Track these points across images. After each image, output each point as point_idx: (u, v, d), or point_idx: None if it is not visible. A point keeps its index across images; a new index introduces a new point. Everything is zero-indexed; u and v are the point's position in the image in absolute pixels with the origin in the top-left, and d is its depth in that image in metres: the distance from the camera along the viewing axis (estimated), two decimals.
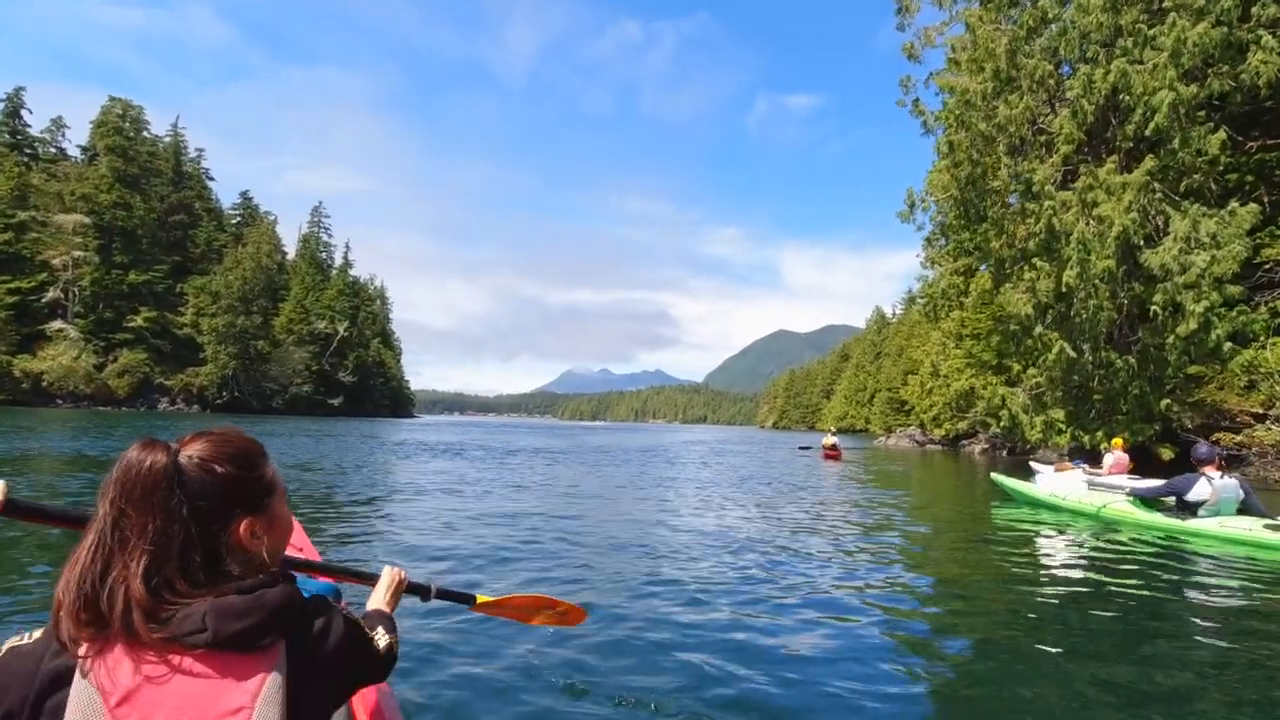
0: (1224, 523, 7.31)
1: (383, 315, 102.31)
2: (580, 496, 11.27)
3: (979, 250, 39.16)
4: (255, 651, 1.03)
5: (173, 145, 77.54)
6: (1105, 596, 5.24)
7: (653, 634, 3.98)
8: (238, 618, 1.02)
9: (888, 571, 6.01)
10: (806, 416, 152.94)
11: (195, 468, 1.09)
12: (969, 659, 3.86)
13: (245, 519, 1.13)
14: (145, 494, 1.04)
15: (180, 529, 1.05)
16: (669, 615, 4.40)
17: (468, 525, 7.67)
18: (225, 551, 1.10)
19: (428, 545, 6.40)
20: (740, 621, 4.31)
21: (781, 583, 5.36)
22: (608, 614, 4.32)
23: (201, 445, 1.12)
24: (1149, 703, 3.20)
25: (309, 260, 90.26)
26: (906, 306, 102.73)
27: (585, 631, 3.78)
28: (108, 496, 1.04)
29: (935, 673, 3.61)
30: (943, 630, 4.37)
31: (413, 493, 10.73)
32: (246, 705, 1.00)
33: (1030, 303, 18.86)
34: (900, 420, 72.17)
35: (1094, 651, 3.92)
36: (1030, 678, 3.50)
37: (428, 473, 14.34)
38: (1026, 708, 3.13)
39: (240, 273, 72.83)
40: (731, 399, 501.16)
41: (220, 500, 1.11)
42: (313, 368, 79.74)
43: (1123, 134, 17.76)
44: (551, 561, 5.93)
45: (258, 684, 1.02)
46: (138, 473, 1.04)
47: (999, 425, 21.88)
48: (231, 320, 70.66)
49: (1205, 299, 15.80)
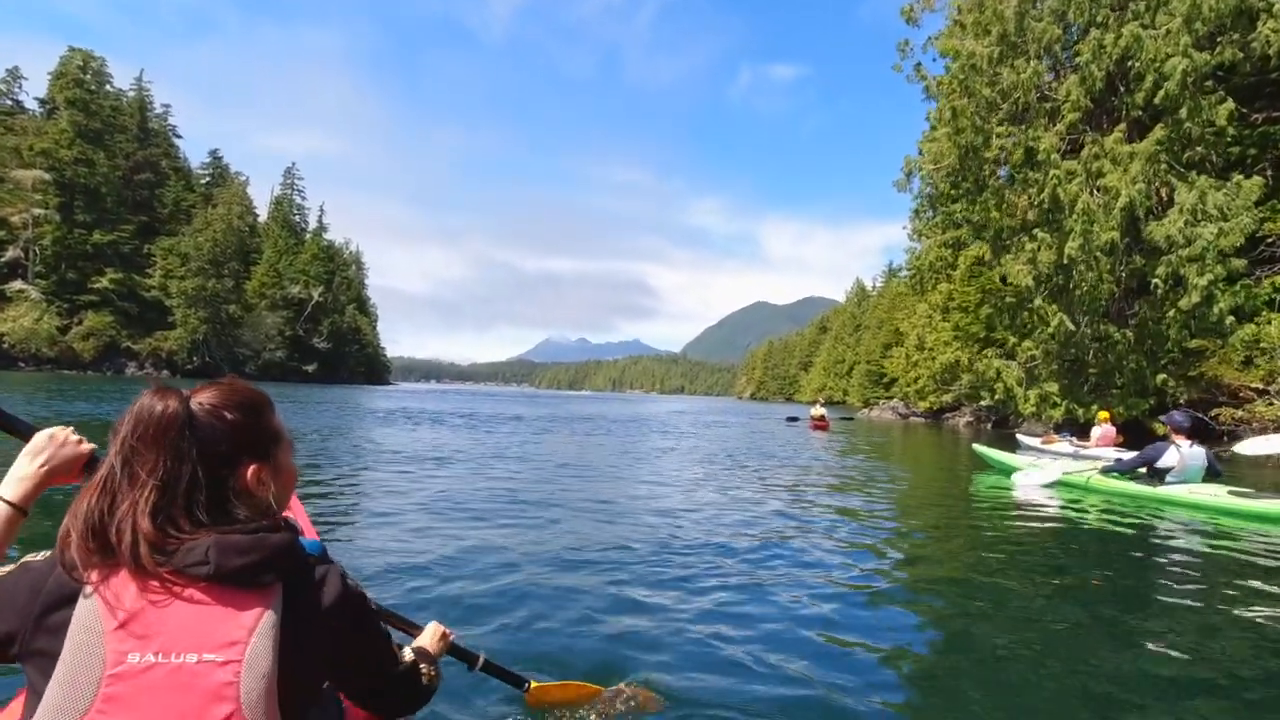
0: (1192, 489, 7.55)
1: (358, 281, 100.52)
2: (580, 467, 10.78)
3: (969, 223, 39.02)
4: (255, 589, 1.06)
5: (137, 100, 74.35)
6: (1076, 560, 5.47)
7: (674, 611, 3.77)
8: (240, 554, 1.04)
9: (880, 536, 6.15)
10: (784, 388, 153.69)
11: (206, 414, 1.13)
12: (943, 619, 3.96)
13: (252, 465, 1.17)
14: (157, 435, 1.07)
15: (188, 470, 1.08)
16: (682, 586, 4.26)
17: (463, 501, 7.15)
18: (232, 495, 1.14)
19: (421, 525, 5.86)
20: (741, 592, 4.20)
21: (788, 555, 5.22)
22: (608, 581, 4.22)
23: (212, 393, 1.17)
24: (1116, 661, 3.29)
25: (282, 223, 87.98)
26: (887, 279, 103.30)
27: (575, 606, 3.71)
28: (120, 435, 1.08)
29: (906, 630, 3.70)
30: (920, 592, 4.50)
31: (403, 463, 10.16)
32: (242, 639, 1.02)
33: (1031, 274, 18.55)
34: (878, 393, 72.55)
35: (1060, 613, 4.04)
36: (1001, 640, 3.56)
37: (415, 443, 13.74)
38: (995, 671, 3.17)
39: (210, 234, 70.57)
40: (709, 370, 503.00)
41: (229, 445, 1.14)
42: (286, 333, 78.09)
43: (1132, 102, 17.34)
44: (551, 533, 5.59)
45: (254, 619, 1.04)
46: (150, 415, 1.08)
47: (993, 398, 21.73)
48: (202, 283, 68.60)
49: (1209, 272, 15.57)
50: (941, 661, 3.30)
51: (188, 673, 0.99)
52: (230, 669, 1.00)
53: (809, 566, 4.83)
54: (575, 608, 3.69)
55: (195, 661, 0.99)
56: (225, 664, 1.00)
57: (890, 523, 6.85)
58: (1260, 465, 16.01)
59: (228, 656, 1.00)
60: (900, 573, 4.92)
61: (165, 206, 73.14)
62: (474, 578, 4.21)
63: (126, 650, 0.98)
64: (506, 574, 4.32)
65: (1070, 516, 7.31)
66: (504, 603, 3.75)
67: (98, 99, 67.52)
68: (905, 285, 53.73)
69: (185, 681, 0.98)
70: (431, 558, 4.63)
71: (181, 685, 0.98)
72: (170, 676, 0.98)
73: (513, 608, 3.66)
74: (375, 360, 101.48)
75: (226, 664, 1.00)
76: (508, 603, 3.75)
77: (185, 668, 0.99)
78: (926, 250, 41.83)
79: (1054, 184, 17.51)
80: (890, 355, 75.08)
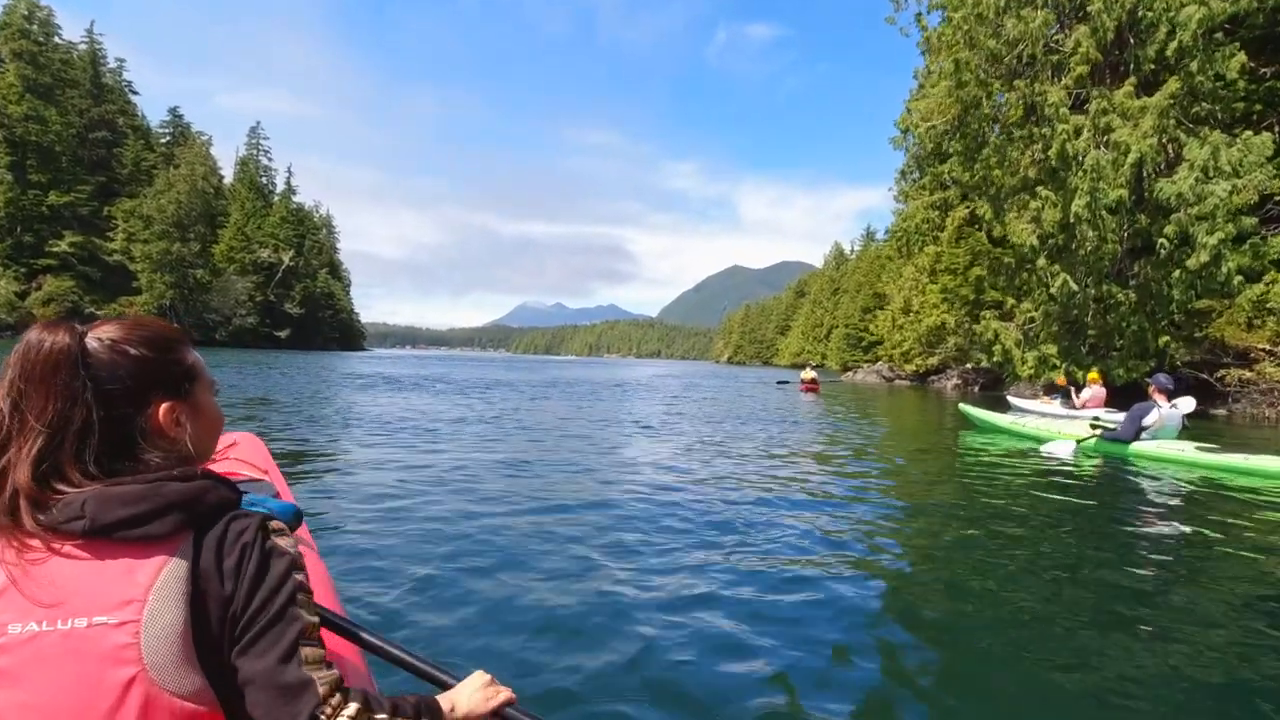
0: (1161, 445, 8.20)
1: (330, 245, 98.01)
2: (577, 435, 10.19)
3: (957, 183, 38.53)
4: (151, 541, 0.95)
5: (89, 54, 70.58)
6: (1057, 509, 5.89)
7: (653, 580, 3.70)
8: (123, 505, 0.94)
9: (871, 493, 6.43)
10: (762, 352, 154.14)
11: (105, 350, 1.02)
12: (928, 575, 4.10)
13: (165, 402, 1.06)
14: (45, 374, 0.97)
15: (81, 414, 0.98)
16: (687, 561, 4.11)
17: (460, 472, 6.64)
18: (142, 437, 1.03)
19: (415, 504, 5.20)
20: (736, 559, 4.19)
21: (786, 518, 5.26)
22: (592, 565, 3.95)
23: (113, 328, 1.05)
24: (1081, 598, 3.62)
25: (248, 185, 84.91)
26: (865, 243, 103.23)
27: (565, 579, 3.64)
28: (7, 378, 0.98)
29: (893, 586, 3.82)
30: (907, 545, 4.72)
31: (393, 432, 9.49)
32: (138, 596, 0.91)
33: (1034, 233, 18.11)
34: (857, 356, 72.77)
35: (1039, 559, 4.32)
36: (981, 591, 3.73)
37: (405, 411, 13.04)
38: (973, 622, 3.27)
39: (174, 196, 67.87)
40: (686, 334, 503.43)
41: (133, 383, 1.03)
42: (257, 298, 75.94)
43: (1144, 55, 16.77)
44: (554, 506, 5.33)
45: (152, 573, 0.93)
46: (38, 353, 0.98)
47: (990, 360, 21.45)
48: (166, 247, 66.15)
49: (1220, 231, 15.22)
50: (921, 624, 3.29)
51: (78, 638, 0.89)
52: (128, 629, 0.90)
53: (824, 530, 4.90)
54: (584, 583, 3.57)
55: (86, 626, 0.90)
56: (121, 625, 0.90)
57: (879, 480, 7.20)
58: (1259, 425, 16.00)
59: (123, 617, 0.90)
60: (889, 524, 5.24)
61: (124, 167, 70.11)
62: (462, 555, 3.91)
63: (6, 621, 0.89)
64: (516, 556, 4.01)
65: (1057, 471, 7.76)
66: (505, 583, 3.52)
67: (46, 51, 63.95)
68: (890, 248, 53.40)
69: (77, 648, 0.89)
70: (424, 539, 4.25)
71: (73, 652, 0.89)
72: (60, 644, 0.89)
73: (516, 585, 3.48)
74: (349, 326, 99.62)
75: (122, 625, 0.90)
76: (509, 583, 3.52)
77: (75, 633, 0.89)
78: (913, 212, 41.47)
79: (1062, 139, 16.97)
80: (871, 318, 75.41)
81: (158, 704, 0.91)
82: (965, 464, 8.38)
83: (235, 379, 19.45)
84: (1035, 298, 19.93)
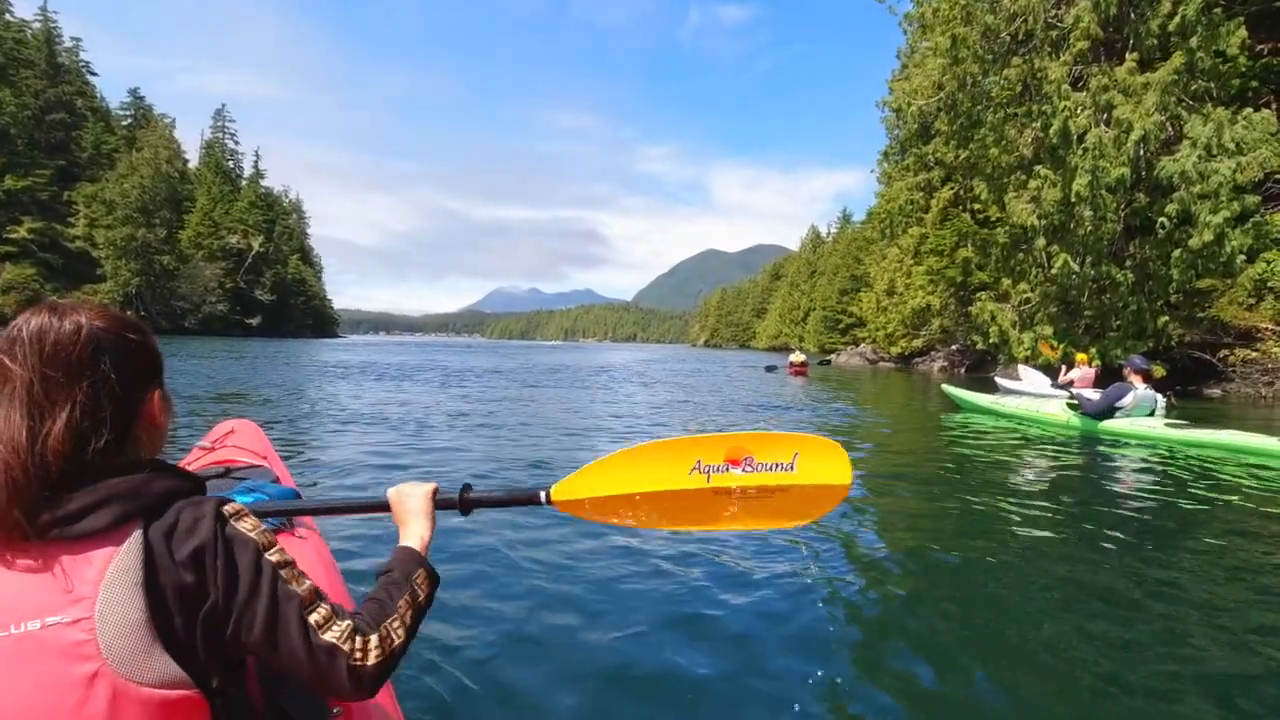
0: (1134, 422, 8.57)
1: (300, 230, 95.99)
2: (584, 431, 9.73)
3: (941, 163, 38.30)
4: (97, 535, 0.91)
5: (43, 32, 67.68)
6: (1034, 482, 6.37)
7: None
8: (72, 502, 0.91)
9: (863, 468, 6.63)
10: (738, 334, 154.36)
11: (112, 336, 0.99)
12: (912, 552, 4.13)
13: (157, 390, 1.06)
14: (72, 361, 0.94)
15: (109, 401, 0.96)
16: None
17: (458, 453, 6.62)
18: (135, 426, 1.02)
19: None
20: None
21: None
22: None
23: (98, 314, 1.00)
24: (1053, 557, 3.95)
25: (215, 169, 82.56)
26: (842, 226, 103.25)
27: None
28: (17, 365, 0.93)
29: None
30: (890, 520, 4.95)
31: (381, 420, 8.94)
32: (88, 593, 0.89)
33: (1035, 213, 17.85)
34: (835, 339, 72.96)
35: (1018, 532, 4.48)
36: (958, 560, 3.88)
37: (383, 403, 12.45)
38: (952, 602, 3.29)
39: (137, 180, 65.58)
40: (661, 317, 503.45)
41: (138, 370, 1.02)
42: (227, 285, 74.06)
43: (1146, 30, 16.49)
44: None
45: (100, 569, 0.90)
46: (55, 337, 0.94)
47: (987, 342, 21.27)
48: (131, 233, 63.99)
49: (1224, 209, 15.05)
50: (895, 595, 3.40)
51: (33, 640, 0.87)
52: (81, 626, 0.88)
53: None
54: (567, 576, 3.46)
55: (39, 628, 0.88)
56: (75, 622, 0.88)
57: (868, 456, 7.55)
58: (1255, 404, 16.01)
59: (76, 615, 0.88)
60: (877, 497, 5.55)
61: (84, 150, 67.63)
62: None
63: None
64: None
65: (1033, 447, 8.28)
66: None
67: None
68: (872, 230, 53.22)
69: (33, 650, 0.87)
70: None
71: (30, 654, 0.87)
72: (15, 649, 0.87)
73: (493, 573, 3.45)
74: (322, 312, 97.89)
75: (76, 622, 0.88)
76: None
77: (30, 636, 0.87)
78: (896, 193, 41.22)
79: (1064, 116, 16.67)
80: (849, 300, 75.54)
81: (126, 695, 0.89)
82: (947, 441, 8.91)
83: (204, 371, 18.63)
84: (1031, 279, 19.75)
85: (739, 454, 1.44)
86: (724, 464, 1.44)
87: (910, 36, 41.65)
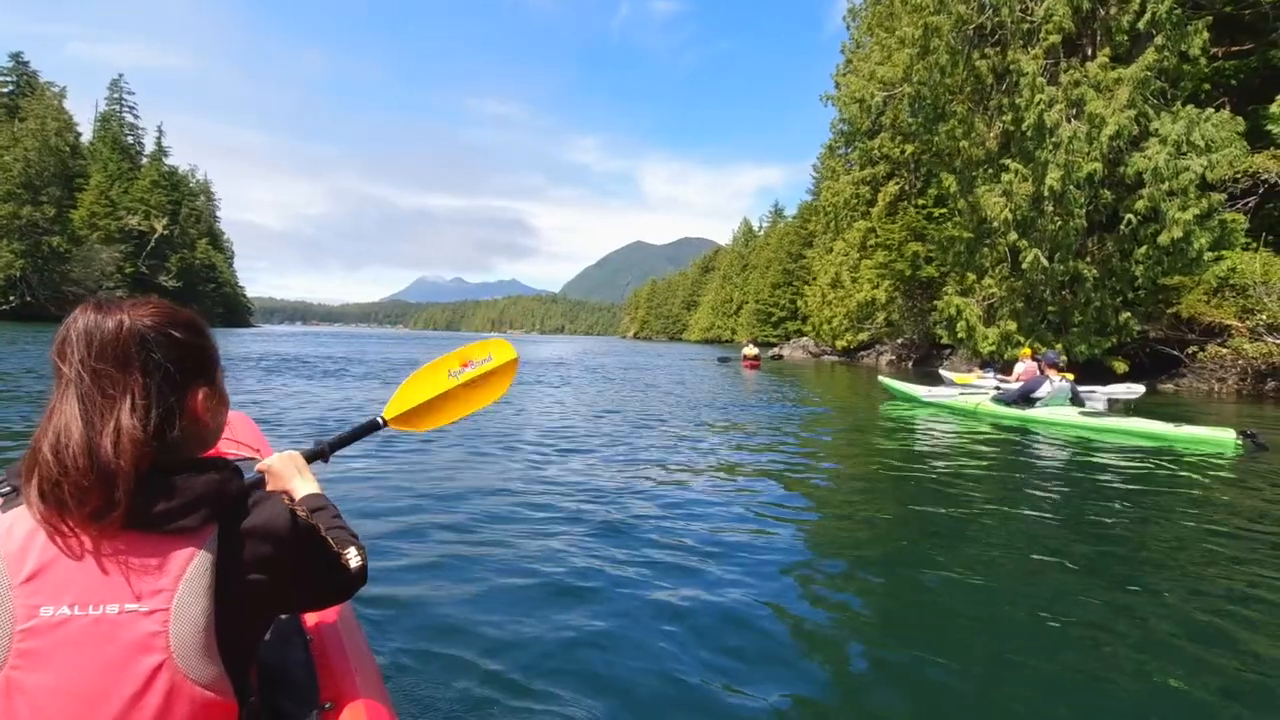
0: (1053, 412, 9.43)
1: (209, 213, 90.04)
2: (549, 429, 8.60)
3: (887, 158, 38.38)
4: (182, 534, 0.96)
5: None
6: (971, 467, 6.65)
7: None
8: (162, 498, 0.96)
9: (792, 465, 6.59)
10: (669, 327, 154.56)
11: (158, 333, 1.01)
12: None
13: (203, 388, 1.07)
14: (122, 357, 0.97)
15: (162, 397, 0.99)
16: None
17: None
18: (179, 423, 1.03)
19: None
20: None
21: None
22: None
23: (149, 310, 1.03)
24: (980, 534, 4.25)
25: (111, 144, 75.90)
26: (773, 220, 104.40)
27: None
28: (73, 362, 0.96)
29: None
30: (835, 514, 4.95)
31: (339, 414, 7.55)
32: (168, 586, 0.94)
33: (1006, 208, 17.62)
34: (767, 331, 73.51)
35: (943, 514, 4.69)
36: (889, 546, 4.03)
37: (314, 402, 10.94)
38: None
39: (20, 153, 59.44)
40: (590, 309, 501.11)
41: (182, 367, 1.04)
42: (126, 270, 68.25)
43: (1118, 25, 16.41)
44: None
45: (182, 564, 0.95)
46: (104, 335, 0.97)
47: (952, 337, 21.09)
48: (15, 210, 57.95)
49: (1193, 207, 15.10)
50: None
51: (109, 624, 0.91)
52: (156, 618, 0.93)
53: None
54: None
55: (117, 612, 0.92)
56: (151, 613, 0.93)
57: (799, 457, 7.26)
58: (1206, 398, 16.25)
59: (153, 605, 0.93)
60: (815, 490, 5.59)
61: None
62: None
63: (38, 604, 0.91)
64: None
65: (962, 435, 8.82)
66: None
67: None
68: (817, 223, 53.43)
69: (107, 633, 0.91)
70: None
71: (103, 637, 0.91)
72: (90, 629, 0.91)
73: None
74: (234, 301, 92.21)
75: (152, 613, 0.93)
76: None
77: (106, 619, 0.91)
78: (842, 188, 41.25)
79: (1039, 109, 16.44)
80: (780, 294, 76.17)
81: (180, 691, 0.93)
82: (882, 431, 9.26)
83: None
84: (995, 274, 19.64)
85: (465, 360, 2.04)
86: (460, 368, 2.03)
87: (855, 31, 41.81)
